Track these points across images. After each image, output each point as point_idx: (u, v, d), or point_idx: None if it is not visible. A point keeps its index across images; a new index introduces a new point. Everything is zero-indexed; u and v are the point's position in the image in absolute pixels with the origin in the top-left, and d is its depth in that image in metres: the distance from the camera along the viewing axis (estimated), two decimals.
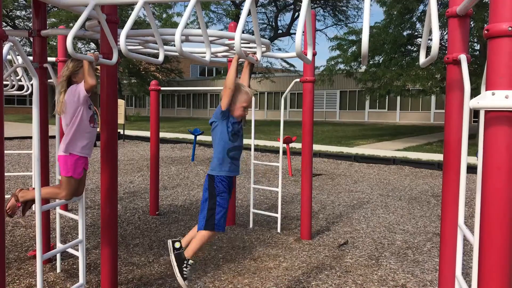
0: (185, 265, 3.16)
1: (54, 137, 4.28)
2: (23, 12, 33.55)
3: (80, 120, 3.25)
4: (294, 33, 30.29)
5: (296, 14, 29.62)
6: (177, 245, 3.23)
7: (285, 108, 38.47)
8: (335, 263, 4.54)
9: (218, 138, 3.22)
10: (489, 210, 1.74)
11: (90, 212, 6.37)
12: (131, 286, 3.91)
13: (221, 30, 21.32)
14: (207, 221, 3.15)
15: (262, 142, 15.99)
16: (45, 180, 4.15)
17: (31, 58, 4.10)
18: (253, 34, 3.32)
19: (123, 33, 2.46)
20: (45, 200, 3.65)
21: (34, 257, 4.40)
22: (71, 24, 25.69)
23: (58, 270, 4.17)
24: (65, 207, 6.04)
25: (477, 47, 16.94)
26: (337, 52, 19.69)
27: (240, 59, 6.22)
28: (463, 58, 2.42)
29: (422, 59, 2.61)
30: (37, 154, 2.78)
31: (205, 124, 30.56)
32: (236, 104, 3.22)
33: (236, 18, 26.86)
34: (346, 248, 5.00)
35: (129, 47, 4.52)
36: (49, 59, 5.63)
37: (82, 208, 3.46)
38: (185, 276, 3.15)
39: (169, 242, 3.26)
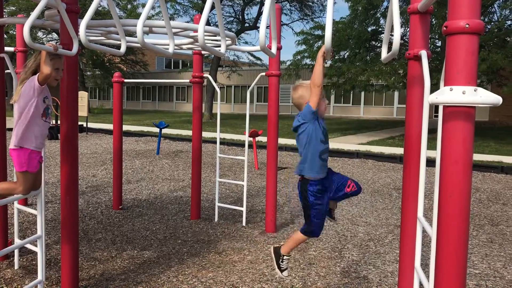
0: (281, 259, 3.31)
1: (12, 129, 4.13)
2: None
3: (33, 113, 3.13)
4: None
5: (263, 7, 29.55)
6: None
7: (251, 101, 38.46)
8: (299, 256, 4.59)
9: (309, 140, 2.96)
10: (447, 203, 1.79)
11: (51, 207, 6.21)
12: (93, 282, 3.84)
13: (187, 22, 21.08)
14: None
15: (228, 136, 15.96)
16: (2, 174, 4.01)
17: None
18: (218, 27, 3.29)
19: (82, 23, 2.39)
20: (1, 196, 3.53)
21: None
22: (32, 13, 24.82)
23: (16, 267, 4.06)
24: (24, 202, 5.87)
25: (439, 43, 17.36)
26: (303, 46, 19.81)
27: (204, 52, 6.12)
28: (423, 54, 2.48)
29: (384, 54, 2.66)
30: None
31: (171, 117, 29.73)
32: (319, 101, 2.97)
33: (202, 11, 26.57)
34: (310, 241, 5.06)
35: (91, 38, 4.41)
36: (8, 48, 5.44)
37: (41, 203, 3.37)
38: (282, 268, 3.32)
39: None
